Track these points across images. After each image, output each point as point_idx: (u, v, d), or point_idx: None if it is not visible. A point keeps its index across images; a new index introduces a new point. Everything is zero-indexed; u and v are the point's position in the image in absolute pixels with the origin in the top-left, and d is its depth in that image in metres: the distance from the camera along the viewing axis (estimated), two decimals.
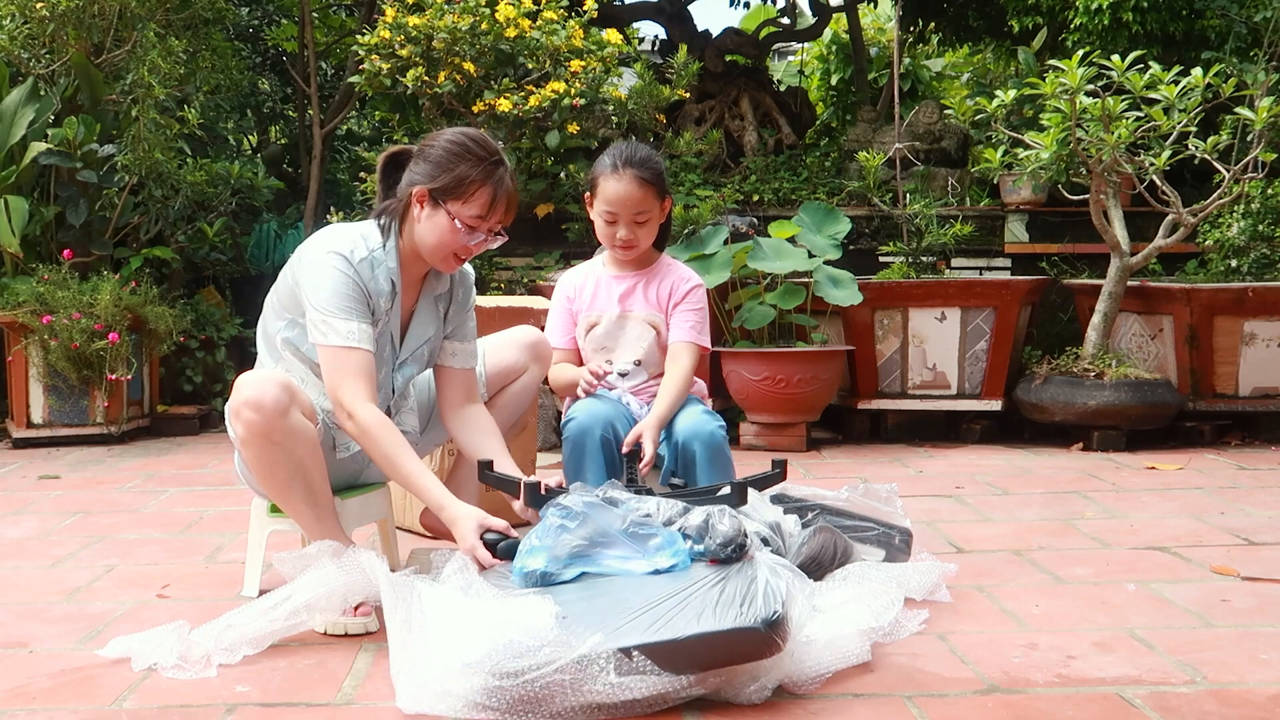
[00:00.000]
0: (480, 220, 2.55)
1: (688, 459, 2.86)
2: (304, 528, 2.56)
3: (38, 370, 5.29)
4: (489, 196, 2.55)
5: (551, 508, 2.31)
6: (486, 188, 2.54)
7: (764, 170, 6.99)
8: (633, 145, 3.01)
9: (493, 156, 2.57)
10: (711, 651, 1.94)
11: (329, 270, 2.51)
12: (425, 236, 2.57)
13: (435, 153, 2.56)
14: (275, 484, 2.49)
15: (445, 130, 2.64)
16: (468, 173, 2.53)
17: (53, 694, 2.09)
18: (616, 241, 3.00)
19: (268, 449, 2.43)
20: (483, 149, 2.56)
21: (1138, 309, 5.27)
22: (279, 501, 2.55)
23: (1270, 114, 4.48)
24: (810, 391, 4.97)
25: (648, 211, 2.97)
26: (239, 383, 2.44)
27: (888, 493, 2.87)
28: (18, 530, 3.53)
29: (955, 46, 8.68)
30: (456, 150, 2.55)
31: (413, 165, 2.61)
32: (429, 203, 2.55)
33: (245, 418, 2.40)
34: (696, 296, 3.09)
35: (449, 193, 2.53)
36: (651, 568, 2.17)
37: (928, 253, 5.63)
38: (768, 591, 1.98)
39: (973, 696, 2.04)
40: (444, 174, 2.53)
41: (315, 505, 2.52)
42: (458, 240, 2.55)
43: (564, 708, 1.89)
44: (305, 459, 2.47)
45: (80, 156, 5.57)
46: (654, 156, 2.99)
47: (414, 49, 5.20)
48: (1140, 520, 3.51)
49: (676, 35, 8.02)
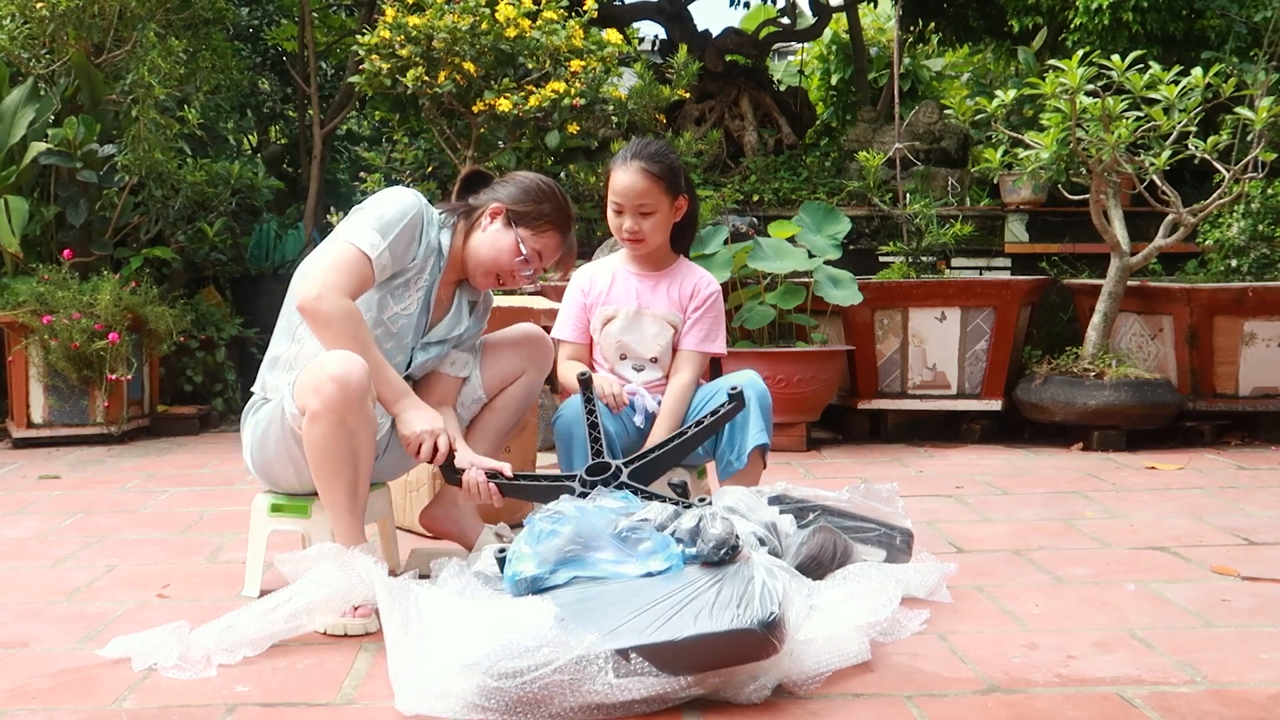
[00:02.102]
0: (538, 256, 2.73)
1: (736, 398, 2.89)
2: (335, 517, 2.53)
3: (38, 370, 5.29)
4: (556, 241, 2.77)
5: (540, 513, 2.33)
6: (557, 233, 2.76)
7: (764, 170, 6.99)
8: (648, 140, 3.06)
9: (570, 212, 2.81)
10: (709, 653, 1.94)
11: (401, 196, 2.64)
12: (483, 247, 2.71)
13: (526, 183, 2.77)
14: (329, 466, 2.47)
15: (535, 173, 2.85)
16: (548, 212, 2.74)
17: (53, 694, 2.09)
18: (624, 233, 3.02)
19: (337, 428, 2.42)
20: (565, 202, 2.80)
21: (1138, 309, 5.27)
22: (322, 485, 2.51)
23: (1270, 114, 4.48)
24: (810, 391, 4.97)
25: (652, 204, 2.97)
26: (325, 358, 2.43)
27: (888, 493, 2.86)
28: (18, 530, 3.53)
29: (955, 46, 8.68)
30: (545, 191, 2.76)
31: (499, 184, 2.79)
32: (503, 219, 2.72)
33: (327, 392, 2.39)
34: (714, 302, 3.11)
35: (524, 219, 2.72)
36: (644, 570, 2.17)
37: (928, 253, 5.63)
38: (764, 593, 1.98)
39: (973, 696, 2.04)
40: (527, 202, 2.73)
41: (354, 497, 2.52)
42: (511, 263, 2.69)
43: (563, 708, 1.89)
44: (362, 448, 2.48)
45: (80, 156, 5.57)
46: (668, 153, 3.01)
47: (414, 49, 5.20)
48: (1140, 520, 3.51)
49: (676, 35, 8.02)
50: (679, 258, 3.17)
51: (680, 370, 3.05)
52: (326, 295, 2.46)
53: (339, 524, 2.54)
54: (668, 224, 3.06)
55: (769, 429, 2.96)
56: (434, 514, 2.96)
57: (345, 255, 2.52)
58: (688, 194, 3.08)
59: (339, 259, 2.52)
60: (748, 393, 2.87)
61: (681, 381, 3.03)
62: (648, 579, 2.15)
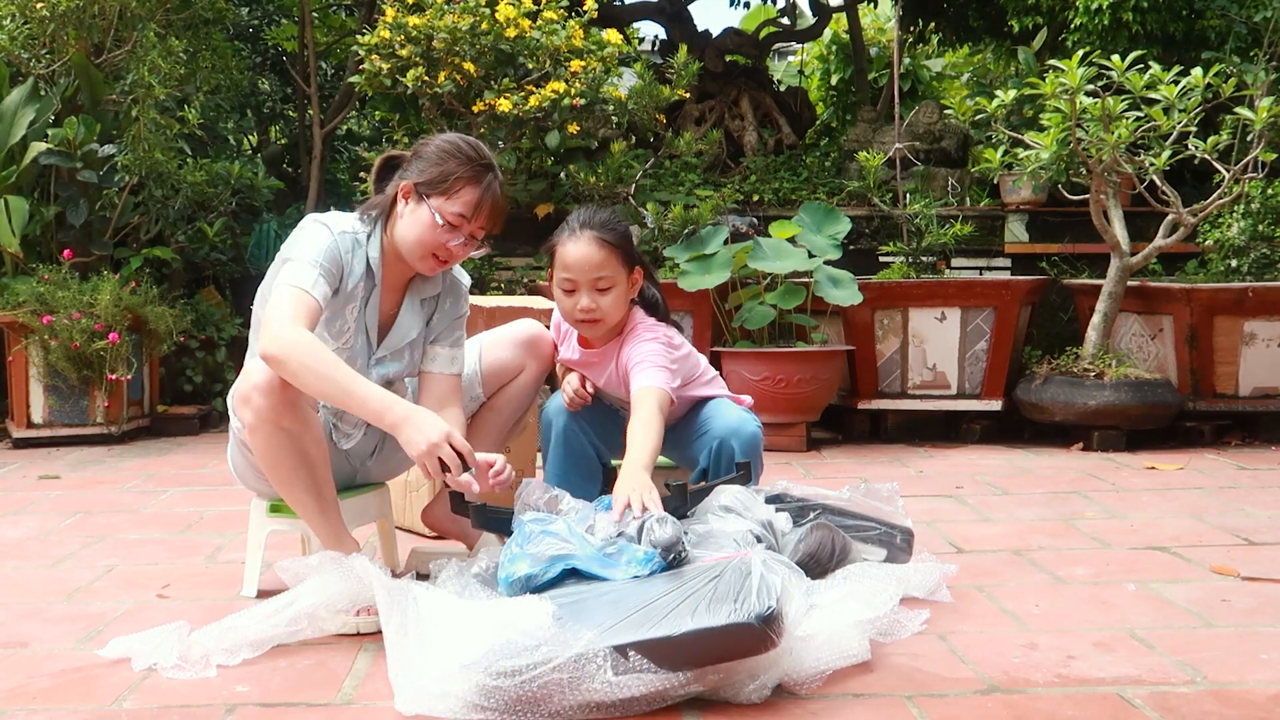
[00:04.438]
0: (462, 219, 2.54)
1: (726, 456, 2.79)
2: (308, 521, 2.55)
3: (38, 370, 5.29)
4: (474, 197, 2.55)
5: (528, 516, 2.34)
6: (472, 188, 2.55)
7: (764, 170, 6.99)
8: (594, 209, 2.80)
9: (482, 160, 2.58)
10: (707, 648, 1.94)
11: (311, 231, 2.54)
12: (406, 232, 2.57)
13: (427, 150, 2.59)
14: (281, 474, 2.48)
15: (441, 134, 2.67)
16: (455, 170, 2.54)
17: (53, 694, 2.09)
18: (578, 314, 2.74)
19: (276, 435, 2.42)
20: (474, 151, 2.58)
21: (1138, 309, 5.27)
22: (283, 492, 2.52)
23: (1270, 114, 4.48)
24: (810, 391, 4.97)
25: (610, 277, 2.71)
26: (248, 369, 2.44)
27: (889, 492, 2.86)
28: (18, 530, 3.53)
29: (955, 46, 8.68)
30: (448, 149, 2.57)
31: (405, 165, 2.63)
32: (413, 196, 2.56)
33: (255, 403, 2.39)
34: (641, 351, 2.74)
35: (434, 187, 2.54)
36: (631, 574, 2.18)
37: (928, 253, 5.63)
38: (762, 587, 1.98)
39: (973, 696, 2.04)
40: (431, 169, 2.55)
41: (320, 498, 2.51)
42: (437, 237, 2.54)
43: (562, 707, 1.89)
44: (311, 448, 2.47)
45: (80, 156, 5.57)
46: (619, 222, 2.79)
47: (414, 49, 5.20)
48: (1140, 520, 3.51)
49: (676, 35, 8.02)
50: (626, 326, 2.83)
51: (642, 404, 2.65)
52: (281, 332, 2.35)
53: (313, 527, 2.55)
54: (626, 300, 2.79)
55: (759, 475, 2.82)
56: (435, 513, 2.95)
57: (287, 297, 2.42)
58: (641, 265, 2.81)
59: (282, 303, 2.41)
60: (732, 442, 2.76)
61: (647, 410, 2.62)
62: (646, 578, 2.16)
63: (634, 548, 2.23)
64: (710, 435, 2.82)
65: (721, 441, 2.79)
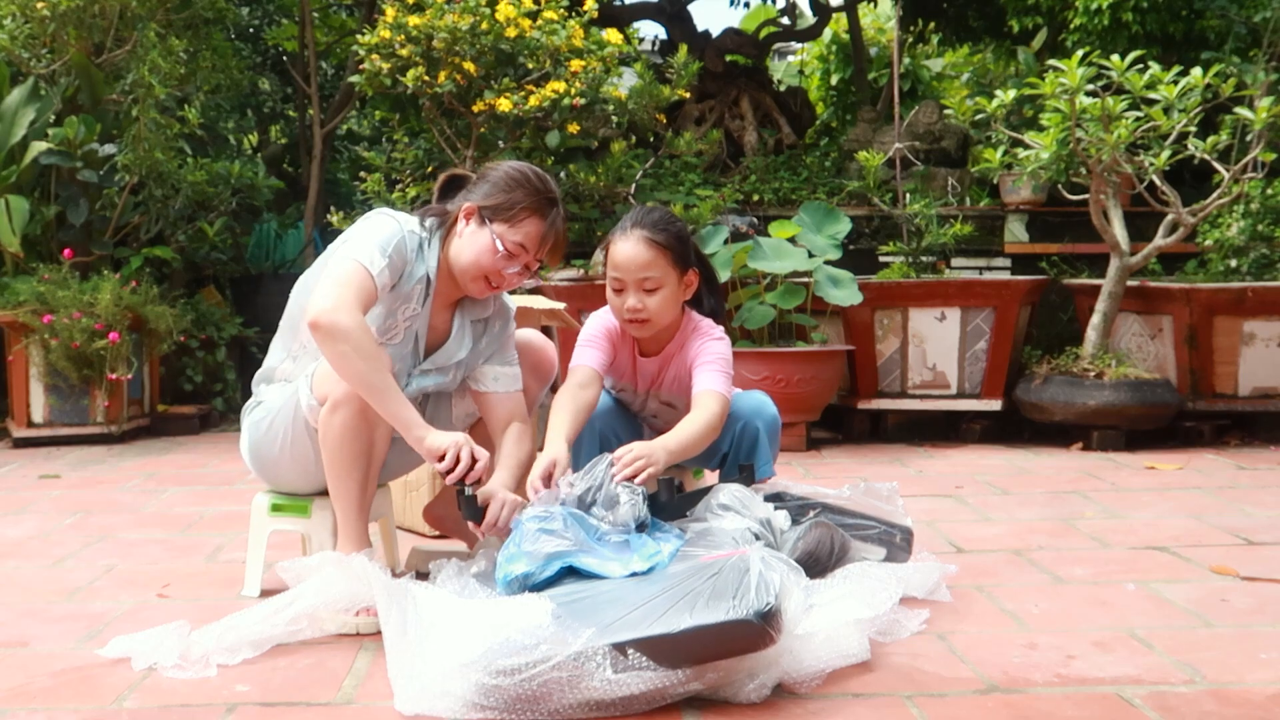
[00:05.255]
0: (521, 249, 2.53)
1: (750, 436, 2.82)
2: (342, 514, 2.52)
3: (38, 370, 5.29)
4: (537, 230, 2.55)
5: (528, 515, 2.35)
6: (536, 220, 2.54)
7: (764, 170, 6.99)
8: (651, 208, 2.81)
9: (549, 194, 2.57)
10: (706, 644, 1.94)
11: (380, 221, 2.52)
12: (463, 252, 2.55)
13: (495, 175, 2.58)
14: (345, 457, 2.45)
15: (511, 160, 2.65)
16: (521, 200, 2.53)
17: (53, 693, 2.09)
18: (625, 313, 2.74)
19: (358, 417, 2.40)
20: (541, 184, 2.57)
21: (1137, 309, 5.27)
22: (336, 477, 2.48)
23: (1269, 114, 4.48)
24: (810, 391, 4.97)
25: (658, 278, 2.71)
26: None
27: (889, 491, 2.87)
28: (18, 530, 3.54)
29: (955, 46, 8.69)
30: (516, 178, 2.56)
31: (473, 183, 2.62)
32: (476, 218, 2.54)
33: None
34: (711, 349, 2.80)
35: (498, 213, 2.53)
36: (628, 571, 2.19)
37: (928, 253, 5.64)
38: (760, 584, 1.98)
39: (972, 696, 2.04)
40: (498, 194, 2.54)
41: (364, 493, 2.51)
42: (494, 262, 2.52)
43: (562, 705, 1.89)
44: (379, 442, 2.46)
45: (81, 156, 5.57)
46: (674, 221, 2.77)
47: (414, 49, 5.20)
48: (1140, 520, 3.51)
49: (676, 35, 8.02)
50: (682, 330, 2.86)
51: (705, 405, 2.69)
52: (340, 309, 2.34)
53: (345, 523, 2.52)
54: (677, 302, 2.78)
55: (776, 455, 2.89)
56: (436, 512, 2.95)
57: (349, 270, 2.41)
58: (699, 267, 2.83)
59: (344, 275, 2.40)
60: (756, 422, 2.82)
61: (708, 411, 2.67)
62: (643, 575, 2.16)
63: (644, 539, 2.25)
64: (734, 416, 2.83)
65: (746, 422, 2.82)
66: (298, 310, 2.61)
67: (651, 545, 2.27)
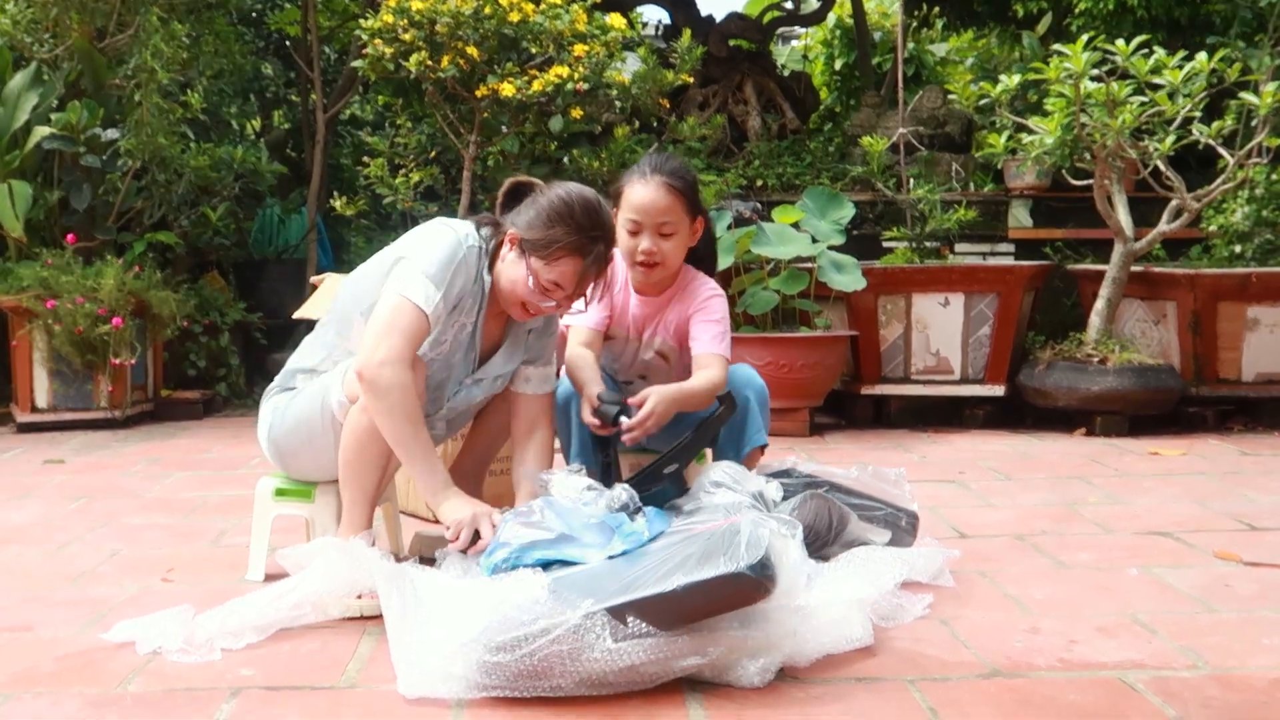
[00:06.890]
0: (556, 287, 2.48)
1: (741, 406, 2.82)
2: (350, 501, 2.51)
3: (42, 355, 5.30)
4: (573, 269, 2.47)
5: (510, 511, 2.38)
6: (573, 259, 2.47)
7: (767, 155, 6.98)
8: (667, 156, 2.88)
9: (593, 230, 2.47)
10: (703, 601, 1.95)
11: (446, 237, 2.48)
12: (502, 279, 2.53)
13: (543, 202, 2.50)
14: (366, 457, 2.45)
15: (568, 184, 2.56)
16: (560, 238, 2.45)
17: (58, 677, 2.10)
18: (638, 256, 2.80)
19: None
20: (586, 219, 2.47)
21: (1141, 294, 5.26)
22: (352, 474, 2.49)
23: (1275, 99, 4.47)
24: (813, 376, 4.97)
25: (674, 224, 2.79)
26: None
27: (896, 476, 2.88)
28: (22, 515, 3.54)
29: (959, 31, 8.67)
30: (561, 211, 2.47)
31: (526, 203, 2.55)
32: (517, 249, 2.50)
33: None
34: (715, 306, 2.89)
35: (536, 248, 2.46)
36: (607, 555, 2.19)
37: (931, 238, 5.63)
38: (752, 539, 1.99)
39: (975, 681, 2.04)
40: (539, 228, 2.47)
41: (376, 490, 2.52)
42: (529, 295, 2.49)
43: (564, 680, 1.90)
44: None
45: (84, 141, 5.57)
46: (688, 171, 2.85)
47: (417, 33, 5.19)
48: (1143, 505, 3.51)
49: (680, 20, 8.00)
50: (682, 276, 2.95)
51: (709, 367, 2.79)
52: (388, 364, 2.33)
53: (351, 511, 2.52)
54: (684, 248, 2.86)
55: (767, 425, 2.91)
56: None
57: (403, 313, 2.38)
58: (703, 216, 2.91)
59: (397, 319, 2.37)
60: (746, 392, 2.83)
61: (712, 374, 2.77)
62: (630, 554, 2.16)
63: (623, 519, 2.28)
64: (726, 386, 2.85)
65: (737, 393, 2.82)
66: (348, 309, 2.58)
67: (629, 525, 2.27)
